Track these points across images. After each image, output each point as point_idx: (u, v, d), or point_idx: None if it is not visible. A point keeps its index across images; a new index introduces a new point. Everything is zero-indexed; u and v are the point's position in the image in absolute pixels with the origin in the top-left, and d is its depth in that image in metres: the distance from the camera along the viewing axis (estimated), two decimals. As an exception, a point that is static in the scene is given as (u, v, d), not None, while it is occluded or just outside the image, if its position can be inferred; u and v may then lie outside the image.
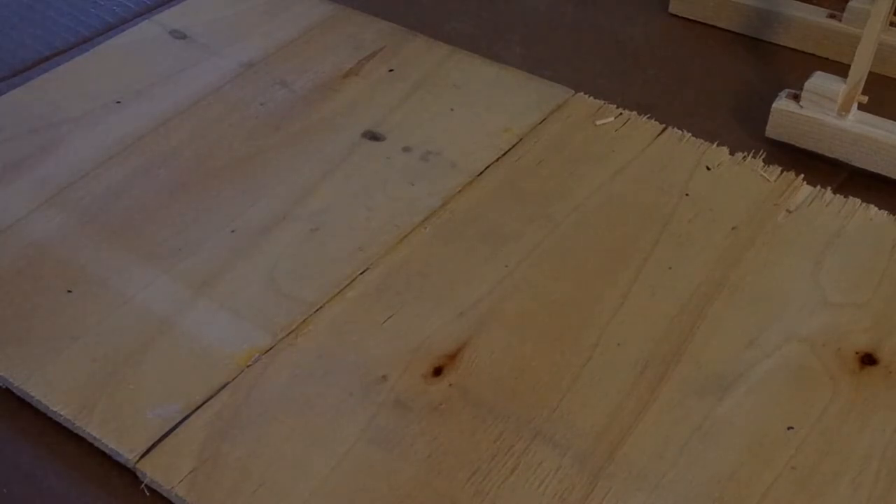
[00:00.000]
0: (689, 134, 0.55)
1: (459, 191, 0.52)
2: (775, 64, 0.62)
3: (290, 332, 0.44)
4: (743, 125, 0.57)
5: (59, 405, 0.41)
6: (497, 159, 0.54)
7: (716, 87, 0.60)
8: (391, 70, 0.60)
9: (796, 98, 0.53)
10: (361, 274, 0.47)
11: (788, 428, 0.41)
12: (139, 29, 0.64)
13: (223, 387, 0.42)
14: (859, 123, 0.52)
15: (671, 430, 0.41)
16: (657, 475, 0.39)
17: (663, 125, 0.56)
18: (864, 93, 0.52)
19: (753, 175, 0.53)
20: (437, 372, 0.43)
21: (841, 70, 0.53)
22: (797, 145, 0.54)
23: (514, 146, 0.55)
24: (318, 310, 0.46)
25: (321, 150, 0.54)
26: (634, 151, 0.54)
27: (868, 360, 0.43)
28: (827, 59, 0.62)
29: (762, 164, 0.53)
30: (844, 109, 0.52)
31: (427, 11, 0.67)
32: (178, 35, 0.63)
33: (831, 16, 0.62)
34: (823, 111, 0.53)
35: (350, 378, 0.43)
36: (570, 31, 0.66)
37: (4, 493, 0.40)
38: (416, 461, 0.39)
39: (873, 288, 0.46)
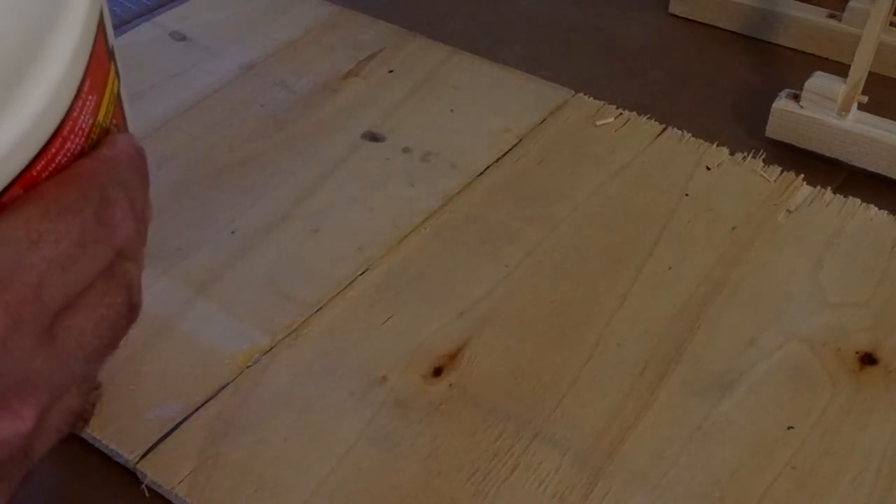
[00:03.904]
0: (689, 134, 0.55)
1: (459, 191, 0.52)
2: (775, 64, 0.62)
3: (290, 333, 0.44)
4: (743, 125, 0.57)
5: (60, 406, 0.41)
6: (497, 160, 0.54)
7: (716, 87, 0.61)
8: (391, 71, 0.60)
9: (796, 98, 0.54)
10: (361, 274, 0.47)
11: (788, 428, 0.41)
12: (139, 30, 0.64)
13: (223, 387, 0.42)
14: (859, 123, 0.52)
15: (671, 430, 0.41)
16: (657, 475, 0.39)
17: (663, 125, 0.56)
18: (864, 93, 0.52)
19: (753, 175, 0.53)
20: (437, 372, 0.43)
21: (841, 70, 0.53)
22: (797, 145, 0.54)
23: (514, 146, 0.55)
24: (318, 310, 0.46)
25: (321, 151, 0.54)
26: (634, 151, 0.54)
27: (868, 360, 0.43)
28: (827, 59, 0.62)
29: (762, 164, 0.53)
30: (844, 109, 0.52)
31: (427, 12, 0.67)
32: (179, 37, 0.63)
33: (831, 16, 0.62)
34: (823, 111, 0.53)
35: (350, 378, 0.43)
36: (570, 31, 0.66)
37: (5, 493, 0.40)
38: (416, 461, 0.39)
39: (873, 288, 0.46)
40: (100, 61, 0.27)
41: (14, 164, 0.24)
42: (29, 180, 0.25)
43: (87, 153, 0.27)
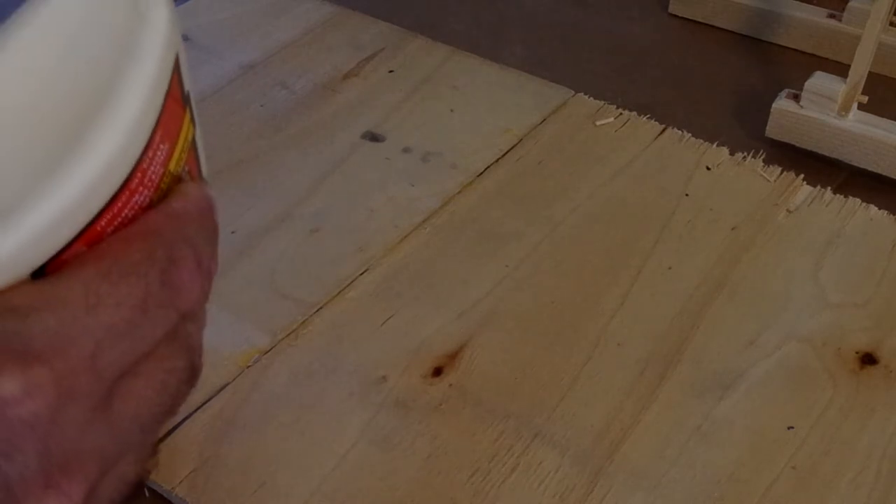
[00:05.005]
0: (689, 134, 0.55)
1: (459, 191, 0.52)
2: (775, 64, 0.62)
3: (290, 333, 0.44)
4: (743, 125, 0.57)
5: (60, 406, 0.41)
6: (497, 160, 0.54)
7: (716, 87, 0.60)
8: (391, 71, 0.60)
9: (796, 98, 0.53)
10: (361, 274, 0.47)
11: (788, 428, 0.41)
12: (139, 30, 0.64)
13: (223, 387, 0.42)
14: (859, 123, 0.52)
15: (671, 430, 0.41)
16: (657, 475, 0.39)
17: (663, 125, 0.56)
18: (864, 93, 0.52)
19: (753, 175, 0.53)
20: (437, 372, 0.43)
21: (841, 70, 0.53)
22: (797, 145, 0.54)
23: (513, 147, 0.55)
24: (318, 310, 0.46)
25: (321, 152, 0.54)
26: (634, 151, 0.54)
27: (868, 360, 0.43)
28: (827, 59, 0.62)
29: (762, 164, 0.53)
30: (844, 109, 0.52)
31: (427, 12, 0.67)
32: (179, 36, 0.63)
33: (831, 16, 0.62)
34: (823, 111, 0.53)
35: (350, 378, 0.43)
36: (571, 31, 0.66)
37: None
38: (416, 461, 0.39)
39: (873, 288, 0.46)
40: (174, 109, 0.26)
41: (77, 220, 0.23)
42: (93, 236, 0.23)
43: (155, 204, 0.25)
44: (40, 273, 0.23)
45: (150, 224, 0.25)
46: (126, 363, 0.24)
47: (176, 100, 0.26)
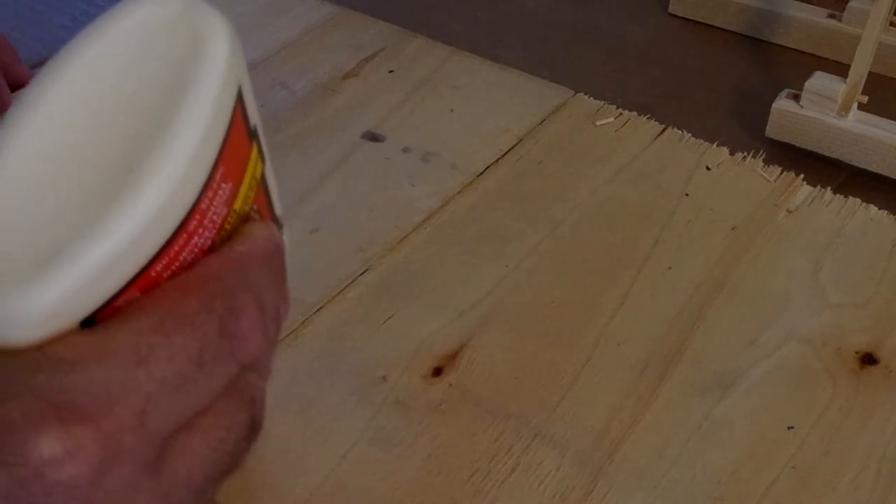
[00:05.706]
0: (689, 134, 0.55)
1: (459, 191, 0.52)
2: (775, 64, 0.62)
3: (290, 333, 0.44)
4: (743, 125, 0.57)
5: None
6: (497, 160, 0.54)
7: (716, 87, 0.61)
8: (391, 71, 0.60)
9: (796, 98, 0.54)
10: (361, 274, 0.47)
11: (788, 428, 0.41)
12: (139, 30, 0.64)
13: (223, 387, 0.42)
14: (859, 123, 0.52)
15: (671, 430, 0.41)
16: (657, 475, 0.39)
17: (663, 125, 0.56)
18: (864, 93, 0.52)
19: (753, 175, 0.53)
20: (437, 372, 0.43)
21: (841, 70, 0.53)
22: (797, 145, 0.54)
23: (513, 147, 0.55)
24: (318, 310, 0.46)
25: (321, 152, 0.55)
26: (634, 151, 0.54)
27: (868, 360, 0.43)
28: (827, 59, 0.62)
29: (762, 164, 0.53)
30: (844, 109, 0.52)
31: (427, 12, 0.67)
32: (179, 36, 0.63)
33: (831, 16, 0.62)
34: (823, 111, 0.53)
35: (350, 378, 0.43)
36: (570, 31, 0.66)
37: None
38: (416, 461, 0.39)
39: (873, 288, 0.46)
40: (237, 145, 0.24)
41: (128, 266, 0.21)
42: (147, 281, 0.22)
43: (218, 247, 0.24)
44: (91, 321, 0.22)
45: (210, 269, 0.23)
46: (179, 419, 0.22)
47: (240, 134, 0.24)
